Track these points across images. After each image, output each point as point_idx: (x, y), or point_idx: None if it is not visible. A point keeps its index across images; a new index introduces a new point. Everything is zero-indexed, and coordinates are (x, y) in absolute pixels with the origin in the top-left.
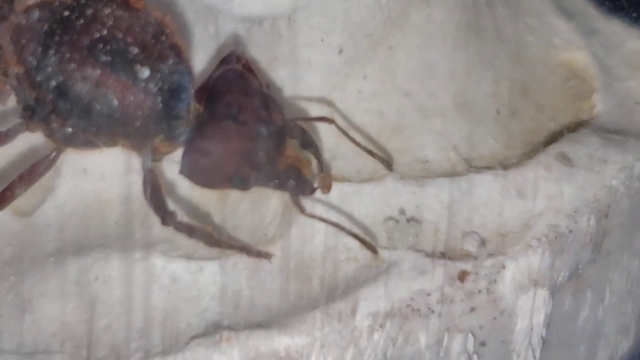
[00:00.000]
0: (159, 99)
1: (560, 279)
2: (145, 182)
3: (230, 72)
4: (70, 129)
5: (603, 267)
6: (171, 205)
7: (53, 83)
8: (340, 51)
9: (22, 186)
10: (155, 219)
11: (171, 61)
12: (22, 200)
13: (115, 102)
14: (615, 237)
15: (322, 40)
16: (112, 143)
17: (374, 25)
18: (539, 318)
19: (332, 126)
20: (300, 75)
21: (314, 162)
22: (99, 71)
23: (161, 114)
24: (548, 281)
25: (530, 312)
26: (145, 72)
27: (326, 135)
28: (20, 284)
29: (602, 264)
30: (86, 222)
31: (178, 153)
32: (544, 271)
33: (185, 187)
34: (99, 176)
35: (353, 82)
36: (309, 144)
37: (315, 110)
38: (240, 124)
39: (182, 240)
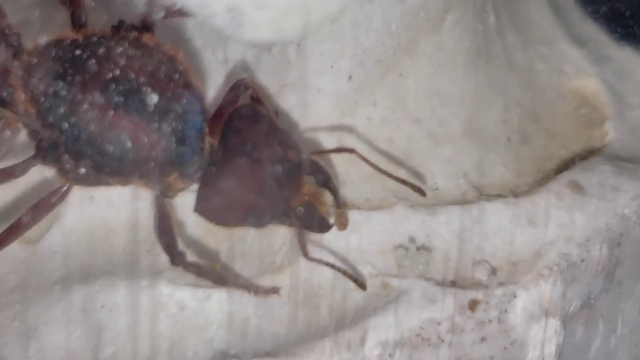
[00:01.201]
0: (174, 138)
1: (572, 308)
2: (156, 219)
3: (244, 108)
4: (83, 169)
5: (615, 297)
6: (179, 235)
7: (65, 124)
8: (350, 78)
9: (33, 218)
10: None
11: (185, 100)
12: None
13: (129, 144)
14: (628, 266)
15: (331, 67)
16: (125, 182)
17: (383, 51)
18: (551, 348)
19: (342, 153)
20: (310, 101)
21: (330, 197)
22: (112, 112)
23: (176, 153)
24: (560, 311)
25: (542, 342)
26: (158, 112)
27: (335, 161)
28: (26, 312)
29: (615, 294)
30: (92, 249)
31: None
32: (556, 301)
33: (192, 216)
34: (105, 203)
35: (362, 109)
36: (325, 180)
37: (332, 139)
38: (255, 161)
39: None
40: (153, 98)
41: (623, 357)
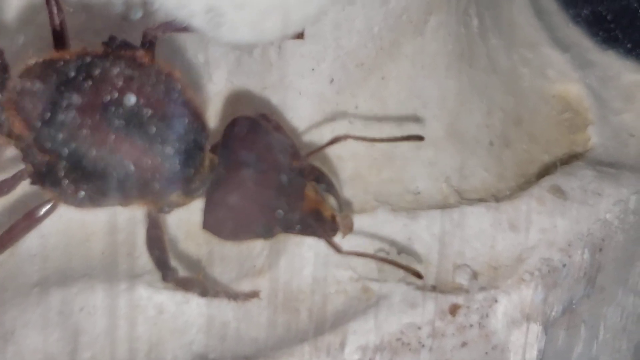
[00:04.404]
0: (176, 160)
1: (553, 313)
2: (147, 234)
3: (240, 119)
4: (83, 193)
5: (597, 302)
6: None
7: (65, 150)
8: (332, 80)
9: (20, 232)
10: (141, 250)
11: (186, 119)
12: None
13: (132, 167)
14: (610, 271)
15: (312, 70)
16: (127, 203)
17: (365, 54)
18: (532, 354)
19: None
20: (291, 104)
21: (333, 202)
22: (113, 136)
23: (179, 173)
24: (541, 316)
25: (523, 347)
26: (160, 133)
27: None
28: (3, 315)
29: (596, 299)
30: (71, 252)
31: None
32: (537, 306)
33: (172, 219)
34: None
35: (344, 111)
36: (327, 184)
37: (314, 142)
38: (259, 172)
39: None
40: (153, 119)
41: None
